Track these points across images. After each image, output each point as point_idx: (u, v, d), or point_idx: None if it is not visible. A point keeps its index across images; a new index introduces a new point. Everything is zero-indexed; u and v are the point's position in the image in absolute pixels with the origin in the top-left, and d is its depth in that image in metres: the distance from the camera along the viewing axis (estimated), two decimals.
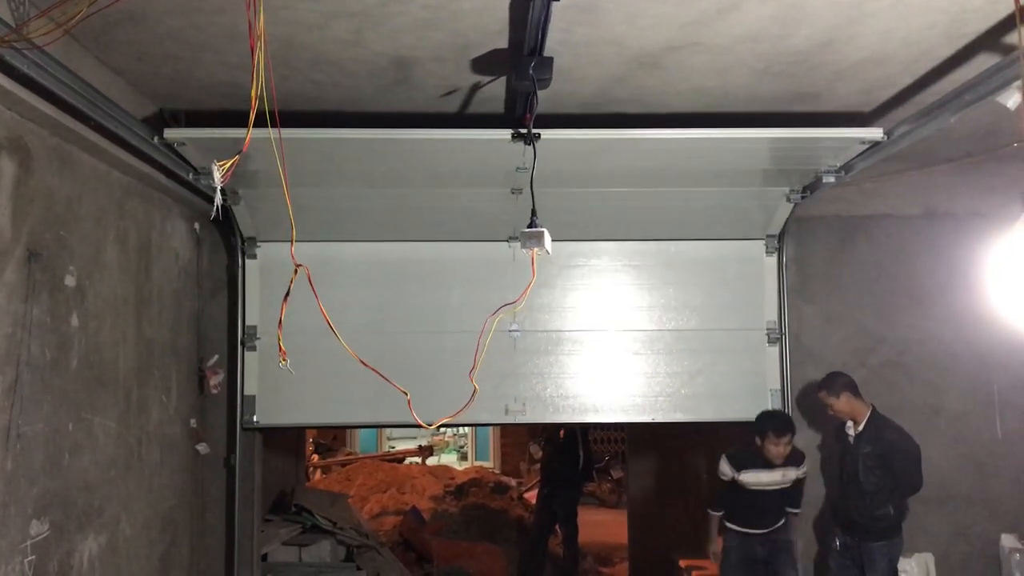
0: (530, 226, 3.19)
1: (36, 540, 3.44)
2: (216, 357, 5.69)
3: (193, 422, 5.45)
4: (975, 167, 5.43)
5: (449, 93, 4.36)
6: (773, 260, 5.89)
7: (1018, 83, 3.12)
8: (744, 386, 5.83)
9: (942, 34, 3.51)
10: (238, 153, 2.32)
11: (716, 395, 5.80)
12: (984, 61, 3.66)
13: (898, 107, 4.39)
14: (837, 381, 5.52)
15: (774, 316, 5.87)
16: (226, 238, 5.75)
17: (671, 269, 5.89)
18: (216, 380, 5.61)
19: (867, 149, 4.52)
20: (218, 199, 2.17)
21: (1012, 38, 3.40)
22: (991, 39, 3.52)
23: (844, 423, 5.57)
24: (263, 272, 5.67)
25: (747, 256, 5.89)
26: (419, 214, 5.60)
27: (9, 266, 3.27)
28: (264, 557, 6.74)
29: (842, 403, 5.50)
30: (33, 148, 3.44)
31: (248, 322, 5.65)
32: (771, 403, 5.80)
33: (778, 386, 5.84)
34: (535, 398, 5.80)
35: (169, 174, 4.62)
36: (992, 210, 5.90)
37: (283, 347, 2.44)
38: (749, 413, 5.73)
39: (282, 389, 5.67)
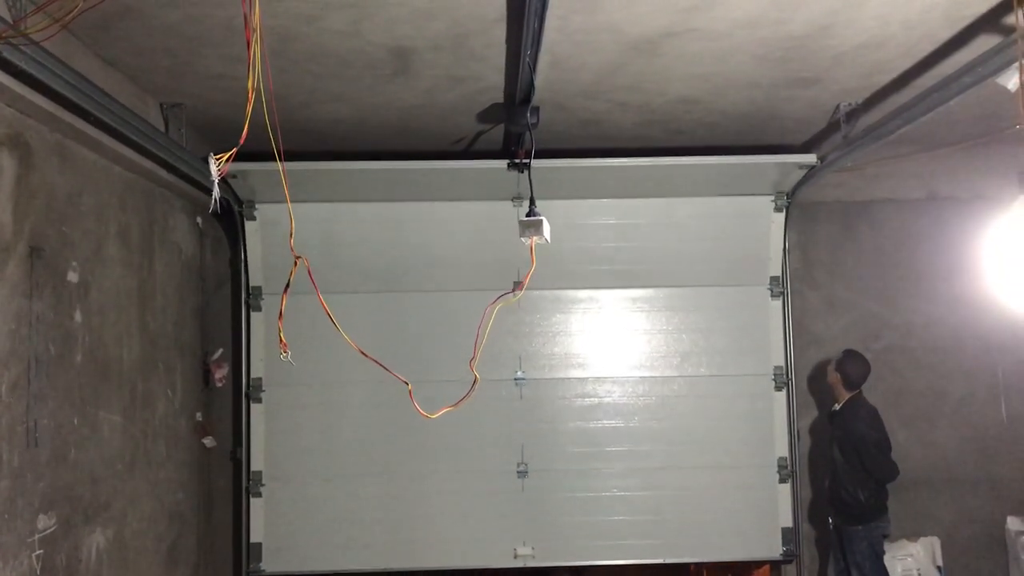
0: (529, 215, 3.19)
1: (44, 534, 3.46)
2: (221, 351, 5.70)
3: (199, 416, 5.47)
4: (977, 150, 5.40)
5: (458, 141, 5.23)
6: (782, 395, 5.76)
7: (1016, 64, 3.10)
8: (755, 523, 5.70)
9: (942, 16, 3.48)
10: (236, 146, 2.32)
11: (728, 532, 5.68)
12: (984, 43, 3.64)
13: (898, 91, 4.37)
14: (842, 357, 5.60)
15: (785, 452, 5.73)
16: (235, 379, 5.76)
17: (677, 407, 5.78)
18: (221, 373, 5.63)
19: (807, 172, 5.33)
20: (216, 192, 2.17)
21: (1012, 19, 3.38)
22: (991, 20, 3.49)
23: (833, 404, 5.65)
24: (268, 418, 5.62)
25: (756, 392, 5.77)
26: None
27: (11, 262, 3.28)
28: None
29: (830, 376, 5.64)
30: (33, 144, 3.45)
31: (253, 467, 5.57)
32: (782, 542, 5.68)
33: (790, 524, 5.69)
34: (544, 538, 5.66)
35: (171, 169, 4.62)
36: (995, 192, 5.88)
37: (283, 339, 2.44)
38: (759, 552, 5.70)
39: (291, 534, 5.58)
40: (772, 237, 5.73)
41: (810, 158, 5.27)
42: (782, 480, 5.71)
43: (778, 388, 5.76)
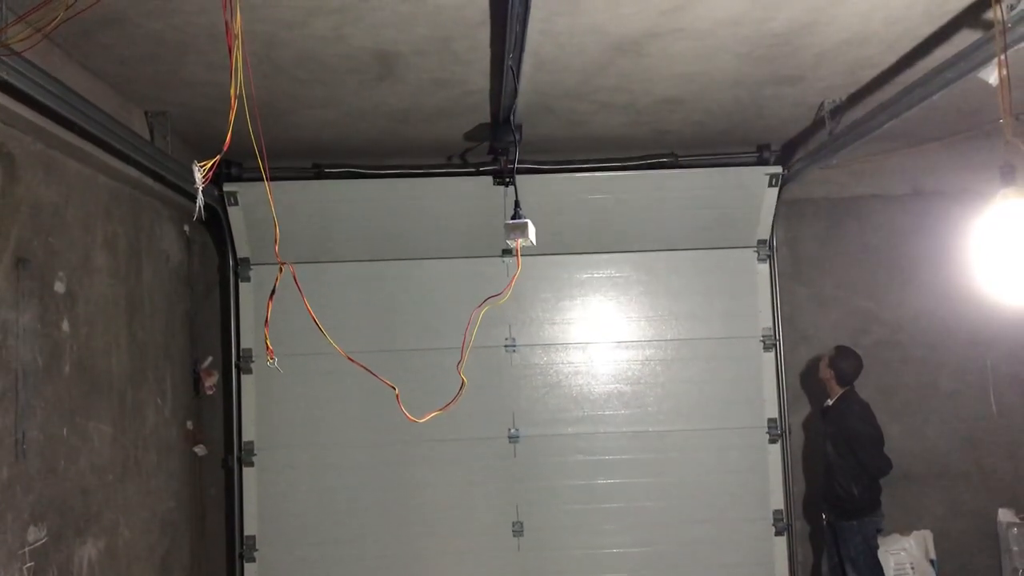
0: (514, 217, 3.19)
1: (34, 546, 3.44)
2: (211, 359, 5.68)
3: (189, 424, 5.45)
4: (961, 145, 5.44)
5: (449, 157, 5.54)
6: (777, 448, 5.76)
7: (997, 59, 3.12)
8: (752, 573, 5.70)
9: (923, 12, 3.50)
10: (219, 154, 2.31)
11: None
12: (965, 38, 3.66)
13: (882, 87, 4.39)
14: (835, 353, 5.62)
15: (781, 504, 5.71)
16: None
17: (672, 461, 5.75)
18: (211, 381, 5.61)
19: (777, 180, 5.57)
20: (200, 200, 2.16)
21: (992, 14, 3.39)
22: (971, 16, 3.52)
23: (825, 399, 5.67)
24: (260, 481, 5.60)
25: (750, 444, 5.76)
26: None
27: None
28: None
29: (823, 371, 5.65)
30: (17, 155, 3.43)
31: (247, 532, 5.56)
32: None
33: None
34: None
35: (157, 177, 4.61)
36: (980, 186, 5.89)
37: (270, 346, 2.44)
38: None
39: None
40: (759, 289, 5.80)
41: (775, 169, 5.50)
42: (778, 533, 5.70)
43: (772, 440, 5.74)
